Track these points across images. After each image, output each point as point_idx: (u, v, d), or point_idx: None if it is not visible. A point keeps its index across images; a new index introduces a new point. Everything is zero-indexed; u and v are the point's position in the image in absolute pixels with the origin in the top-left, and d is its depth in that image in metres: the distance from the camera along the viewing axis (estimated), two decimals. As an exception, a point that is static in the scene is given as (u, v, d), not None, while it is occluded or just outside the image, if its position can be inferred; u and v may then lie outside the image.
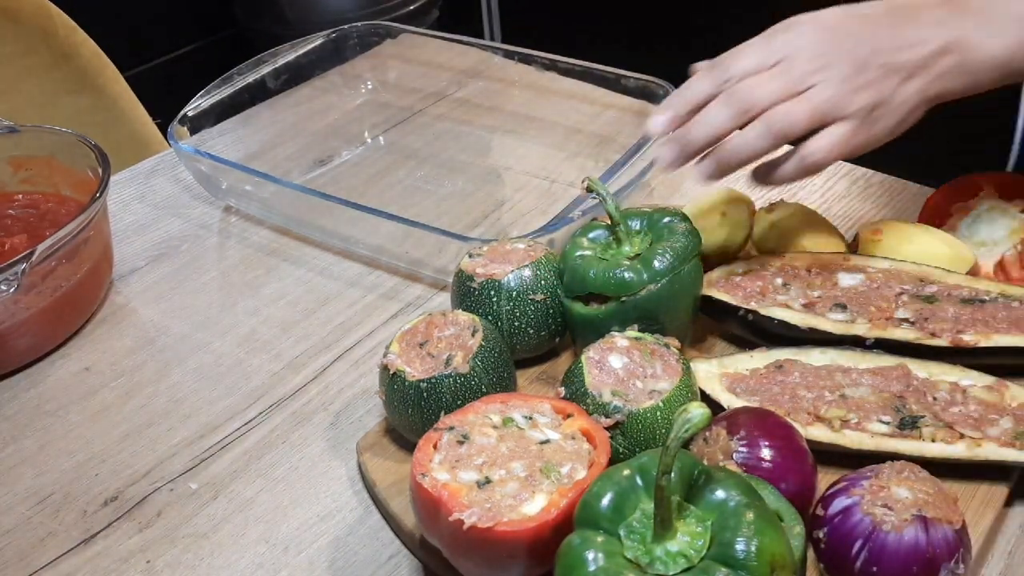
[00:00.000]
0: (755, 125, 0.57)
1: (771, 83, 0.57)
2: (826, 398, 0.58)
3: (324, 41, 1.03)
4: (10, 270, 0.67)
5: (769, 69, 0.58)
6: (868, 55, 0.57)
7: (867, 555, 0.48)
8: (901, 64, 0.57)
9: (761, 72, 0.58)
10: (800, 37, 0.58)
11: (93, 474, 0.64)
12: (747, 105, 0.57)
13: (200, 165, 0.86)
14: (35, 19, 1.15)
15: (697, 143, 0.59)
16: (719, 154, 0.59)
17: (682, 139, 0.59)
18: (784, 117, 0.56)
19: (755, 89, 0.57)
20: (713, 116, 0.58)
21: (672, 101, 0.61)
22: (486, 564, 0.49)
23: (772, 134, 0.57)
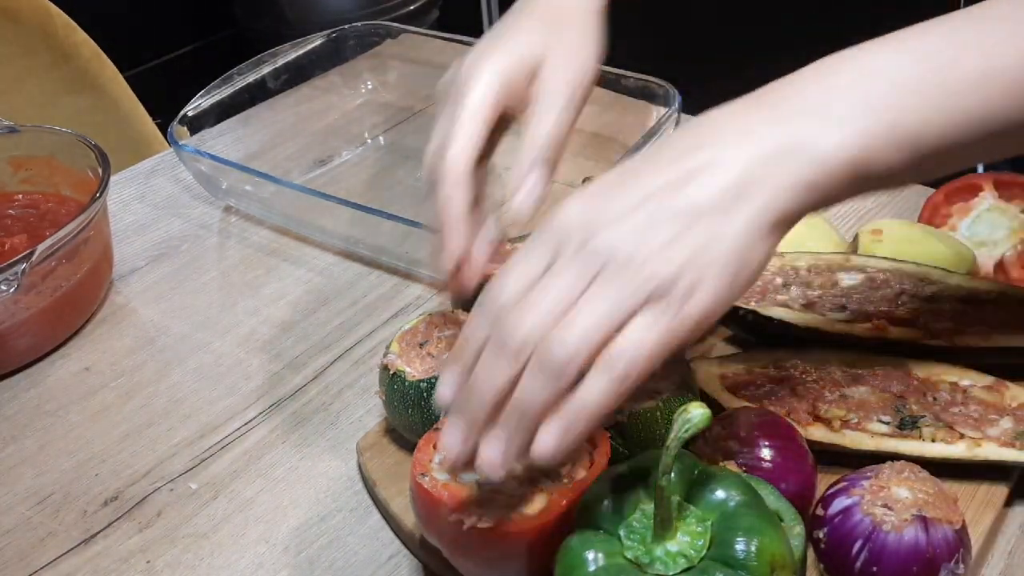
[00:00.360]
0: (531, 371, 0.40)
1: (535, 307, 0.40)
2: (826, 398, 0.58)
3: (324, 41, 1.03)
4: (10, 270, 0.67)
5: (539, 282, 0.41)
6: (642, 205, 0.40)
7: (867, 555, 0.48)
8: (702, 198, 0.40)
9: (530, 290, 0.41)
10: (561, 228, 0.42)
11: (93, 474, 0.64)
12: (513, 347, 0.40)
13: (200, 165, 0.86)
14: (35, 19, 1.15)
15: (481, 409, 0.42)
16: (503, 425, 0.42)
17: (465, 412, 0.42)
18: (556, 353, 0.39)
19: (517, 322, 0.40)
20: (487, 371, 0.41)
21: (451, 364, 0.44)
22: (487, 564, 0.49)
23: (548, 377, 0.40)
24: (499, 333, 0.41)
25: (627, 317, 0.40)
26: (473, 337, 0.43)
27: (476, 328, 0.43)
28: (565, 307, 0.40)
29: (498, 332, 0.41)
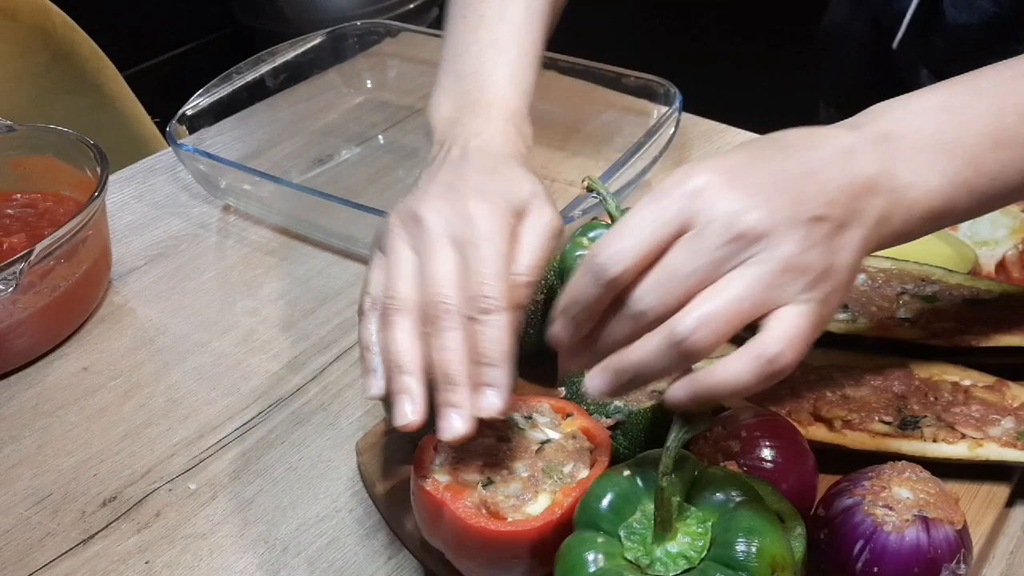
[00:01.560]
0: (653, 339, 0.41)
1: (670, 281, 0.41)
2: (827, 398, 0.58)
3: (323, 40, 1.03)
4: (8, 270, 0.67)
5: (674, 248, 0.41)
6: (786, 208, 0.41)
7: (868, 556, 0.48)
8: (828, 212, 0.42)
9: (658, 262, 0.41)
10: (700, 195, 0.41)
11: (92, 474, 0.64)
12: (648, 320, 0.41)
13: (199, 164, 0.86)
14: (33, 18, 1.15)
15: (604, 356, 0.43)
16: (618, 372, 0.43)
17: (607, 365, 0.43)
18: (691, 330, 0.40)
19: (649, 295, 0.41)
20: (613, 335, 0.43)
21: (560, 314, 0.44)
22: (489, 565, 0.49)
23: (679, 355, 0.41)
24: (633, 307, 0.41)
25: (774, 306, 0.41)
26: (585, 300, 0.43)
27: (586, 287, 0.42)
28: (711, 279, 0.41)
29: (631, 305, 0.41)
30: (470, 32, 0.63)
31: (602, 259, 0.42)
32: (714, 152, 0.91)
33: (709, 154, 0.91)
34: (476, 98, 0.60)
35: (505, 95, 0.60)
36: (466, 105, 0.60)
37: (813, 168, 0.43)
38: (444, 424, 0.46)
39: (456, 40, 0.64)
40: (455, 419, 0.46)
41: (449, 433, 0.46)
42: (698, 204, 0.41)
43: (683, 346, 0.40)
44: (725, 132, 0.94)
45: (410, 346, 0.48)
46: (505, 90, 0.60)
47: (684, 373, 0.42)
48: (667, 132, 0.83)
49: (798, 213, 0.41)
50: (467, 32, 0.64)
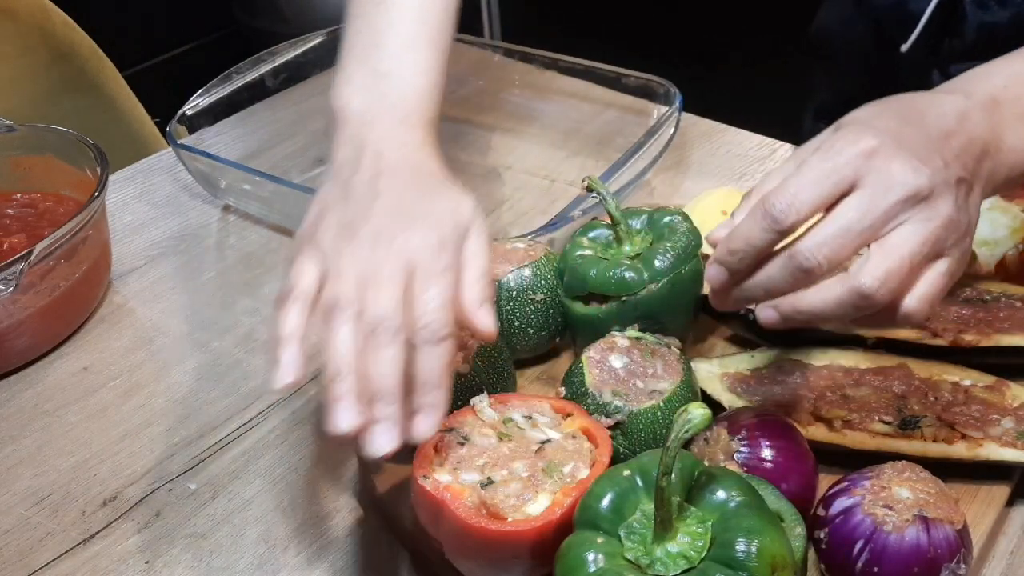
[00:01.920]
0: (838, 293, 0.45)
1: (842, 238, 0.45)
2: (827, 398, 0.58)
3: (323, 40, 1.03)
4: (8, 270, 0.67)
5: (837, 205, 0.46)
6: (944, 171, 0.46)
7: (868, 556, 0.48)
8: (966, 173, 0.47)
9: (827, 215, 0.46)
10: (871, 156, 0.45)
11: (92, 474, 0.64)
12: (813, 275, 0.46)
13: (199, 164, 0.86)
14: (33, 18, 1.15)
15: (756, 298, 0.49)
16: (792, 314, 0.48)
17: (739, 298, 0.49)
18: (880, 287, 0.44)
19: (819, 252, 0.45)
20: (773, 283, 0.47)
21: (725, 257, 0.49)
22: (490, 565, 0.49)
23: (862, 307, 0.45)
24: (799, 256, 0.45)
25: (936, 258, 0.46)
26: (750, 242, 0.47)
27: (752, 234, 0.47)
28: (875, 236, 0.45)
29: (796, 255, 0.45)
30: (387, 24, 0.60)
31: (781, 207, 0.46)
32: (714, 152, 0.91)
33: (708, 154, 0.91)
34: (395, 103, 0.58)
35: (424, 105, 0.59)
36: (385, 109, 0.58)
37: (946, 132, 0.48)
38: (376, 440, 0.46)
39: (370, 29, 0.61)
40: (385, 435, 0.46)
41: (379, 449, 0.46)
42: (872, 164, 0.45)
43: (869, 300, 0.45)
44: (725, 132, 0.94)
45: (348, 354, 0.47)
46: (425, 100, 0.59)
47: None
48: (667, 132, 0.83)
49: (949, 175, 0.46)
50: (383, 23, 0.61)
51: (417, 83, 0.59)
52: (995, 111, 0.50)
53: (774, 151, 0.90)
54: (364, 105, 0.58)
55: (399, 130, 0.57)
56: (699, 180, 0.88)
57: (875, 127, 0.47)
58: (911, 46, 0.80)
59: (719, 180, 0.87)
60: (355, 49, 0.61)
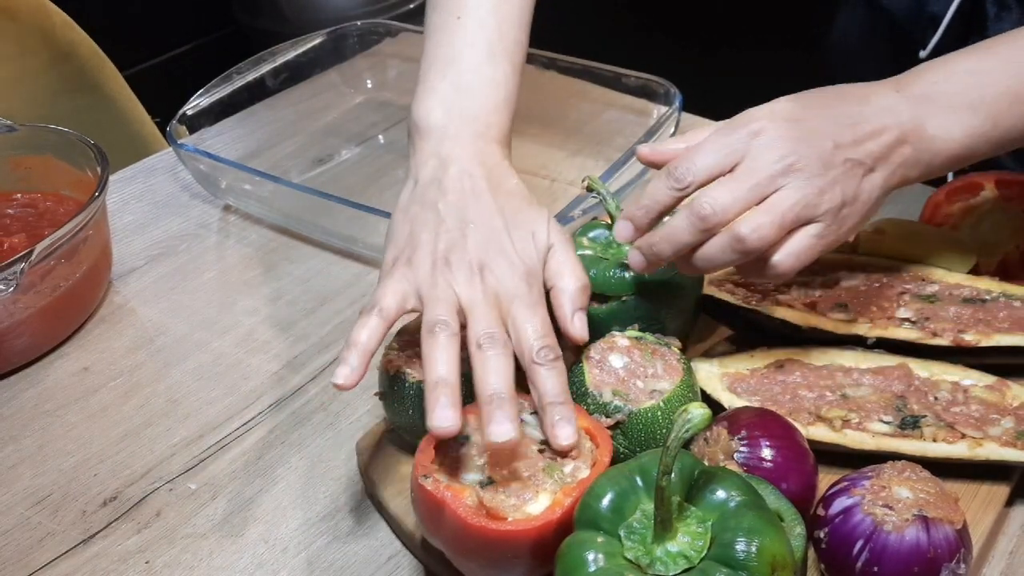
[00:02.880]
0: (721, 240, 0.53)
1: (733, 192, 0.53)
2: (827, 398, 0.58)
3: (323, 40, 1.03)
4: (9, 269, 0.67)
5: (730, 172, 0.54)
6: (831, 151, 0.54)
7: (868, 555, 0.48)
8: (863, 157, 0.55)
9: (721, 177, 0.54)
10: (758, 135, 0.54)
11: (92, 474, 0.64)
12: (710, 221, 0.53)
13: (199, 164, 0.86)
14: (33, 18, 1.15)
15: (663, 255, 0.56)
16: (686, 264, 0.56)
17: (648, 250, 0.56)
18: (752, 233, 0.52)
19: (717, 201, 0.53)
20: (676, 233, 0.54)
21: (633, 212, 0.57)
22: (490, 564, 0.49)
23: (739, 251, 0.53)
24: (697, 207, 0.53)
25: (806, 220, 0.54)
26: (656, 200, 0.55)
27: (659, 193, 0.55)
28: (760, 196, 0.53)
29: (695, 206, 0.53)
30: (465, 39, 0.63)
31: (681, 171, 0.54)
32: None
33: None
34: (474, 117, 0.61)
35: (501, 118, 0.62)
36: (464, 123, 0.61)
37: (856, 120, 0.55)
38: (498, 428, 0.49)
39: (451, 43, 0.64)
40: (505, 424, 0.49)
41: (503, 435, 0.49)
42: (758, 141, 0.54)
43: (743, 244, 0.53)
44: (725, 132, 0.94)
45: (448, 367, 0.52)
46: (501, 113, 0.62)
47: None
48: (667, 132, 0.83)
49: (835, 156, 0.54)
50: (462, 38, 0.64)
51: (495, 96, 0.62)
52: (924, 104, 0.56)
53: (774, 151, 0.90)
54: (445, 119, 0.61)
55: (479, 144, 0.60)
56: (699, 180, 0.87)
57: (775, 111, 0.55)
58: (931, 51, 0.80)
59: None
60: (436, 63, 0.64)
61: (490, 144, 0.61)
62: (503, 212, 0.58)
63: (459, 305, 0.55)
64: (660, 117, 0.84)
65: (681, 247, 0.54)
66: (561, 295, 0.56)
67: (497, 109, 0.62)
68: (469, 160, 0.59)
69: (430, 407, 0.50)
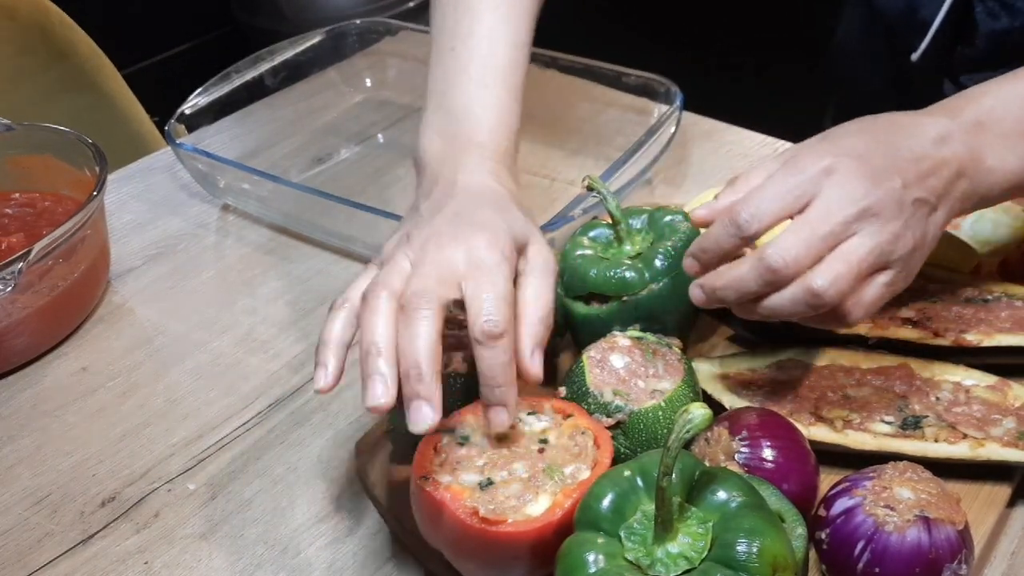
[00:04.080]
0: (794, 292, 0.50)
1: (807, 242, 0.50)
2: (828, 398, 0.58)
3: (323, 38, 1.02)
4: (7, 269, 0.67)
5: (799, 214, 0.51)
6: (901, 191, 0.51)
7: (869, 556, 0.48)
8: (928, 195, 0.52)
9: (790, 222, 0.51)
10: (830, 174, 0.51)
11: (91, 474, 0.64)
12: (781, 275, 0.50)
13: (198, 163, 0.85)
14: (32, 17, 1.14)
15: (726, 301, 0.53)
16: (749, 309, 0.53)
17: (711, 293, 0.53)
18: (830, 288, 0.49)
19: (789, 253, 0.49)
20: (743, 283, 0.51)
21: (697, 253, 0.54)
22: (489, 565, 0.49)
23: (814, 304, 0.50)
24: (768, 260, 0.50)
25: (877, 271, 0.51)
26: (721, 244, 0.53)
27: (722, 237, 0.52)
28: (832, 245, 0.50)
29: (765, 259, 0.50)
30: (458, 68, 0.63)
31: (746, 217, 0.51)
32: (715, 151, 0.91)
33: (709, 153, 0.91)
34: (468, 138, 0.61)
35: (498, 139, 0.62)
36: (458, 144, 0.61)
37: (918, 154, 0.52)
38: (415, 416, 0.48)
39: (445, 75, 0.64)
40: (425, 409, 0.48)
41: (421, 425, 0.48)
42: (830, 181, 0.51)
43: (819, 299, 0.50)
44: (726, 131, 0.94)
45: (385, 330, 0.49)
46: (498, 135, 0.62)
47: None
48: (668, 131, 0.83)
49: (905, 196, 0.51)
50: (455, 67, 0.64)
51: (488, 118, 0.62)
52: (979, 133, 0.54)
53: (775, 149, 0.90)
54: (441, 146, 0.61)
55: (472, 164, 0.59)
56: (700, 179, 0.87)
57: (841, 147, 0.52)
58: (921, 55, 0.80)
59: (720, 179, 0.87)
60: (432, 96, 0.64)
61: (483, 160, 0.60)
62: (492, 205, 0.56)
63: None
64: (661, 116, 0.83)
65: (747, 296, 0.52)
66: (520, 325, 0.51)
67: (491, 131, 0.61)
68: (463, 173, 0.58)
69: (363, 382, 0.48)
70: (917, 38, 0.80)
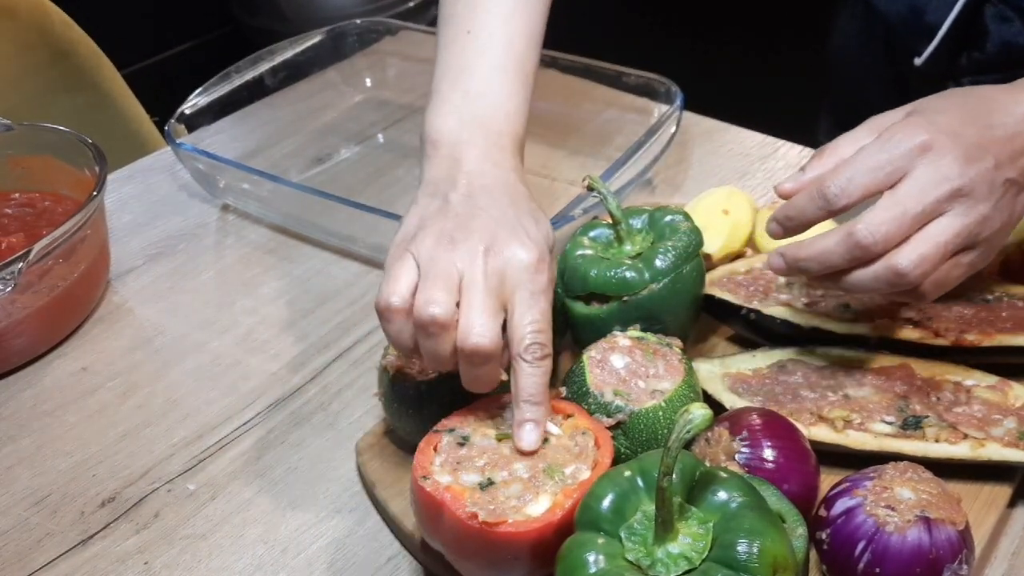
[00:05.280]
0: (878, 270, 0.51)
1: (898, 220, 0.50)
2: (829, 398, 0.58)
3: (323, 38, 1.02)
4: (7, 269, 0.67)
5: (890, 190, 0.51)
6: (993, 171, 0.51)
7: (870, 556, 0.48)
8: (1018, 176, 0.52)
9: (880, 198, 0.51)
10: (926, 151, 0.51)
11: (91, 475, 0.64)
12: (871, 252, 0.50)
13: (198, 163, 0.85)
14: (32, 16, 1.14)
15: (808, 272, 0.54)
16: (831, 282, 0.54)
17: (792, 263, 0.54)
18: (915, 269, 0.50)
19: (879, 230, 0.50)
20: (828, 256, 0.52)
21: (782, 220, 0.55)
22: (489, 566, 0.49)
23: (897, 284, 0.51)
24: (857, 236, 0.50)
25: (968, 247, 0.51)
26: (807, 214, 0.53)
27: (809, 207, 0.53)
28: (922, 223, 0.50)
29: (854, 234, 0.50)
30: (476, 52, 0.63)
31: (835, 191, 0.51)
32: (715, 151, 0.91)
33: (709, 153, 0.91)
34: (486, 123, 0.61)
35: (515, 127, 0.62)
36: (477, 129, 0.60)
37: (1011, 133, 0.52)
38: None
39: (462, 54, 0.64)
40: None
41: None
42: (924, 159, 0.50)
43: (904, 279, 0.50)
44: (726, 131, 0.94)
45: None
46: (515, 122, 0.62)
47: None
48: (668, 131, 0.83)
49: (996, 176, 0.51)
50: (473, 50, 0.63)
51: (506, 105, 0.62)
52: None
53: (776, 149, 0.90)
54: (457, 125, 0.60)
55: (492, 151, 0.59)
56: (700, 179, 0.87)
57: (936, 123, 0.52)
58: (926, 60, 0.79)
59: (720, 179, 0.87)
60: (447, 75, 0.63)
61: (503, 152, 0.60)
62: (516, 204, 0.56)
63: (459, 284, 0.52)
64: (661, 116, 0.83)
65: (830, 269, 0.52)
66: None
67: (508, 117, 0.61)
68: (483, 160, 0.58)
69: None
70: (922, 42, 0.79)
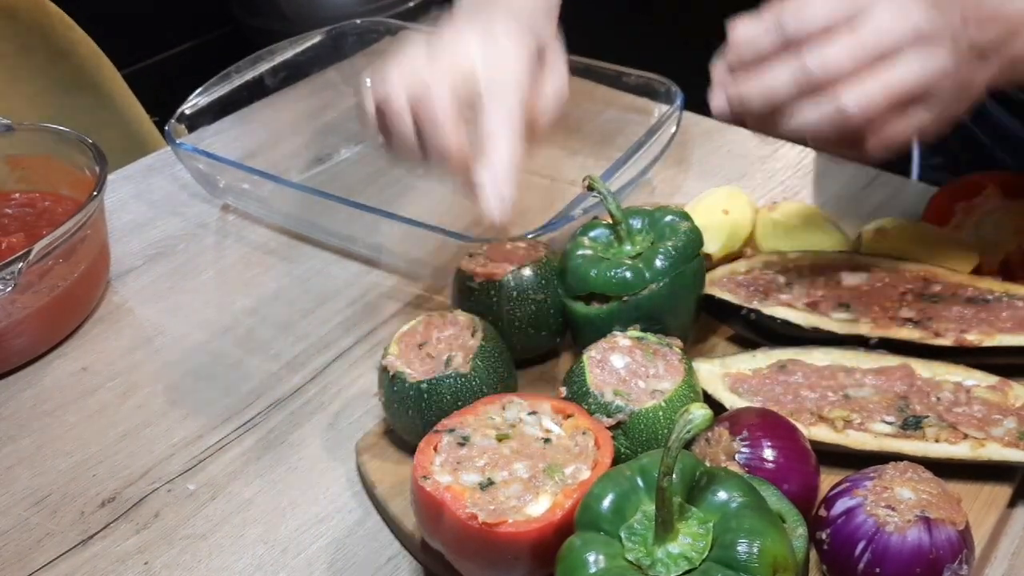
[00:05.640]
0: (821, 106, 0.48)
1: (852, 53, 0.47)
2: (829, 398, 0.58)
3: (323, 38, 1.02)
4: (7, 269, 0.67)
5: (846, 23, 0.48)
6: (960, 27, 0.48)
7: (870, 556, 0.48)
8: (984, 42, 0.49)
9: (835, 30, 0.48)
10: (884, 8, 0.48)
11: (91, 475, 0.64)
12: (816, 79, 0.47)
13: (198, 163, 0.85)
14: (32, 16, 1.14)
15: (752, 104, 0.50)
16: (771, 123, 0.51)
17: (735, 97, 0.51)
18: (859, 110, 0.47)
19: (830, 60, 0.47)
20: (773, 86, 0.49)
21: (731, 59, 0.51)
22: (489, 566, 0.49)
23: (838, 124, 0.48)
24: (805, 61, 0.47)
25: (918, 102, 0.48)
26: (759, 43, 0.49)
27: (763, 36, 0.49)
28: (873, 60, 0.47)
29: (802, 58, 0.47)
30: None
31: (789, 19, 0.49)
32: (715, 151, 0.91)
33: (709, 153, 0.91)
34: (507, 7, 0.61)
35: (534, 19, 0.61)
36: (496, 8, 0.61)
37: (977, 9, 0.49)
38: None
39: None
40: None
41: None
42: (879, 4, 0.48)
43: (845, 119, 0.47)
44: (727, 131, 0.94)
45: None
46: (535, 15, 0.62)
47: None
48: (668, 131, 0.83)
49: (962, 33, 0.48)
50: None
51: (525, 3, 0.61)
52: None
53: (776, 150, 0.90)
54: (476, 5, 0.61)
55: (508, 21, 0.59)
56: (701, 179, 0.87)
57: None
58: None
59: (721, 179, 0.87)
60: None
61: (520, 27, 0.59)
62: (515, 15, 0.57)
63: None
64: (661, 116, 0.83)
65: (774, 103, 0.49)
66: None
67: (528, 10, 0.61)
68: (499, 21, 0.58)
69: None
70: None
